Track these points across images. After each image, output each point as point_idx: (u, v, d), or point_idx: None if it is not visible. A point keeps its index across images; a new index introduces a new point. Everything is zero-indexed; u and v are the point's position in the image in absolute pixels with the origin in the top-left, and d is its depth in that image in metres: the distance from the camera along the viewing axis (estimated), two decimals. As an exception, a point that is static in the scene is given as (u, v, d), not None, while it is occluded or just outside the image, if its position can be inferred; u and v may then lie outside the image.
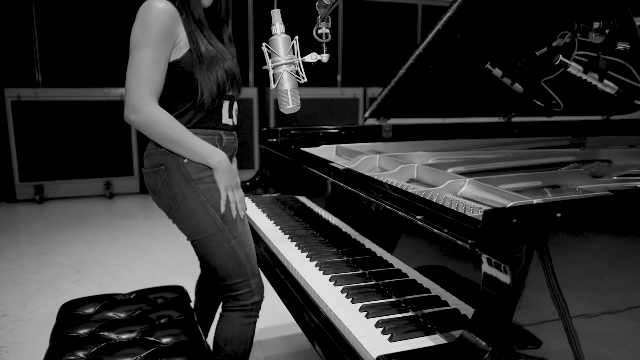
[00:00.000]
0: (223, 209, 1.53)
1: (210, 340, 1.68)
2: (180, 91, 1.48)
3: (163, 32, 1.40)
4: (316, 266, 1.38)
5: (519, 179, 1.56)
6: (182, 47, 1.45)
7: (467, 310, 1.02)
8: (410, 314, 1.09)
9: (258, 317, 1.62)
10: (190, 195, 1.51)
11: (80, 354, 1.40)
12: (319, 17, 1.26)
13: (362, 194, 1.33)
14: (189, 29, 1.46)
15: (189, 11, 1.47)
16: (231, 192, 1.54)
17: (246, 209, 1.61)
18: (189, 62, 1.46)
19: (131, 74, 1.41)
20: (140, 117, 1.41)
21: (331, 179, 1.52)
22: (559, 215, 0.85)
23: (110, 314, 1.64)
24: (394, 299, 1.16)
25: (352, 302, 1.16)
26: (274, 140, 2.19)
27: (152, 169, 1.54)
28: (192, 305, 1.79)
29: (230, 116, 1.60)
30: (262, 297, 1.61)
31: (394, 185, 1.46)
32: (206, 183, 1.52)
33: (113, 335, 1.50)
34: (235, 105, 1.63)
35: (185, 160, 1.49)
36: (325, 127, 2.28)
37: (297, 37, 1.24)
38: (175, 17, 1.42)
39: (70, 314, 1.63)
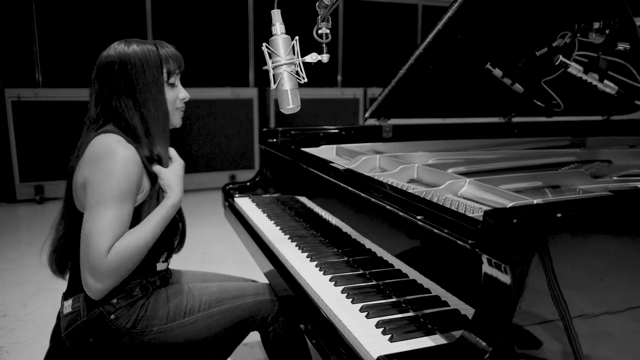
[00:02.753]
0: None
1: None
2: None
3: (130, 187, 1.27)
4: (316, 266, 1.38)
5: (519, 179, 1.56)
6: (143, 195, 1.36)
7: (467, 310, 1.02)
8: (410, 314, 1.09)
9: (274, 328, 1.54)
10: (145, 339, 1.35)
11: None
12: (319, 17, 1.26)
13: (362, 194, 1.33)
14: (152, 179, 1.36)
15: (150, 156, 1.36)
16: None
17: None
18: (147, 209, 1.36)
19: (91, 231, 1.22)
20: (106, 282, 1.23)
21: (331, 179, 1.52)
22: (559, 215, 0.85)
23: (110, 314, 1.64)
24: (394, 299, 1.16)
25: (352, 302, 1.16)
26: (274, 140, 2.19)
27: (81, 347, 1.35)
28: None
29: (166, 259, 1.48)
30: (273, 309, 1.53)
31: (394, 185, 1.46)
32: (149, 326, 1.36)
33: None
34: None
35: (113, 316, 1.32)
36: (325, 127, 2.27)
37: (297, 37, 1.24)
38: (139, 166, 1.32)
39: (70, 314, 1.63)
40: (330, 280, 1.29)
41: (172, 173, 1.41)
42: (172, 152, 1.47)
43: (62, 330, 1.37)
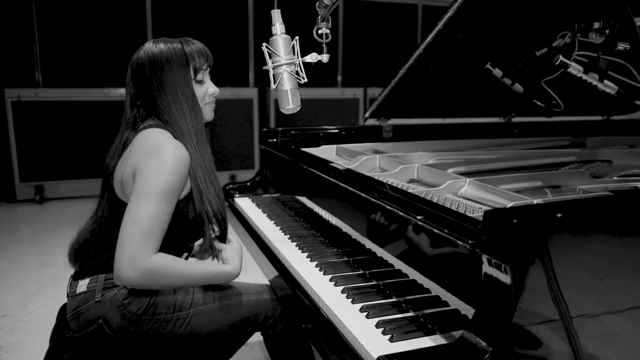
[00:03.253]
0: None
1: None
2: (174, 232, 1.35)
3: (178, 183, 1.29)
4: (316, 266, 1.38)
5: (519, 179, 1.57)
6: (185, 193, 1.37)
7: (467, 310, 1.02)
8: (411, 314, 1.09)
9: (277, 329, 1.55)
10: (151, 328, 1.34)
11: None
12: (319, 17, 1.26)
13: (362, 194, 1.33)
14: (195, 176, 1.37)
15: (197, 151, 1.37)
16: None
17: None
18: (187, 206, 1.38)
19: (131, 223, 1.23)
20: (138, 274, 1.22)
21: (331, 179, 1.52)
22: (559, 215, 0.85)
23: (110, 314, 1.64)
24: (394, 299, 1.16)
25: (352, 302, 1.16)
26: (274, 140, 2.19)
27: (86, 329, 1.33)
28: None
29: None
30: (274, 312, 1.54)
31: (394, 185, 1.46)
32: (156, 314, 1.35)
33: (113, 335, 1.50)
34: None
35: (126, 301, 1.32)
36: (325, 127, 2.28)
37: (297, 37, 1.24)
38: (188, 163, 1.34)
39: (70, 314, 1.63)
40: (331, 280, 1.29)
41: (236, 251, 1.45)
42: (232, 235, 1.51)
43: (70, 310, 1.36)
